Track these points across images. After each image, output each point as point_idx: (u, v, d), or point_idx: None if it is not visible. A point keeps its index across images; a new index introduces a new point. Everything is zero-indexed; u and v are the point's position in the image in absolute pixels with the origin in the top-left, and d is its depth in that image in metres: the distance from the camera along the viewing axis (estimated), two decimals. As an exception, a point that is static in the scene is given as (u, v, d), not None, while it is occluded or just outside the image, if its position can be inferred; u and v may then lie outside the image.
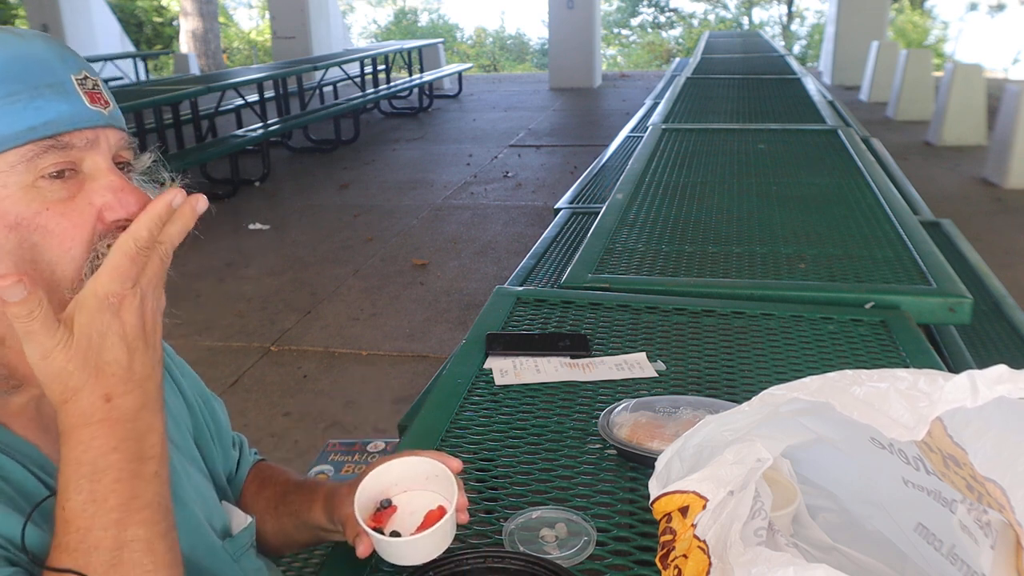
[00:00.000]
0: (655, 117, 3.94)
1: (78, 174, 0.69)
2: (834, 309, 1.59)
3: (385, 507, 0.87)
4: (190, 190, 0.65)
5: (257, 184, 7.00)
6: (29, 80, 0.66)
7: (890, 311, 1.57)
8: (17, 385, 0.72)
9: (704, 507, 0.73)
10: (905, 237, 1.95)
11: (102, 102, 0.71)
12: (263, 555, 1.00)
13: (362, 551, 0.86)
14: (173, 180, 0.78)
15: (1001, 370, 0.59)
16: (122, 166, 0.73)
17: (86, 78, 0.70)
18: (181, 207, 0.64)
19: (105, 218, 0.69)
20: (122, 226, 0.69)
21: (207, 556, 0.84)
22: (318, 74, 9.50)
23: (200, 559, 0.83)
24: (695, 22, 26.27)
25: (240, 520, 0.93)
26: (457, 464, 0.87)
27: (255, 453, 1.11)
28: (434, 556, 0.84)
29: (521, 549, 0.91)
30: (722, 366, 1.37)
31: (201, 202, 0.65)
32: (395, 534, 0.84)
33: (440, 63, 13.20)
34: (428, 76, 11.33)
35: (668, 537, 0.76)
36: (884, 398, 0.63)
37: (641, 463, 1.07)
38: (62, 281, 0.68)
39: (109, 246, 0.68)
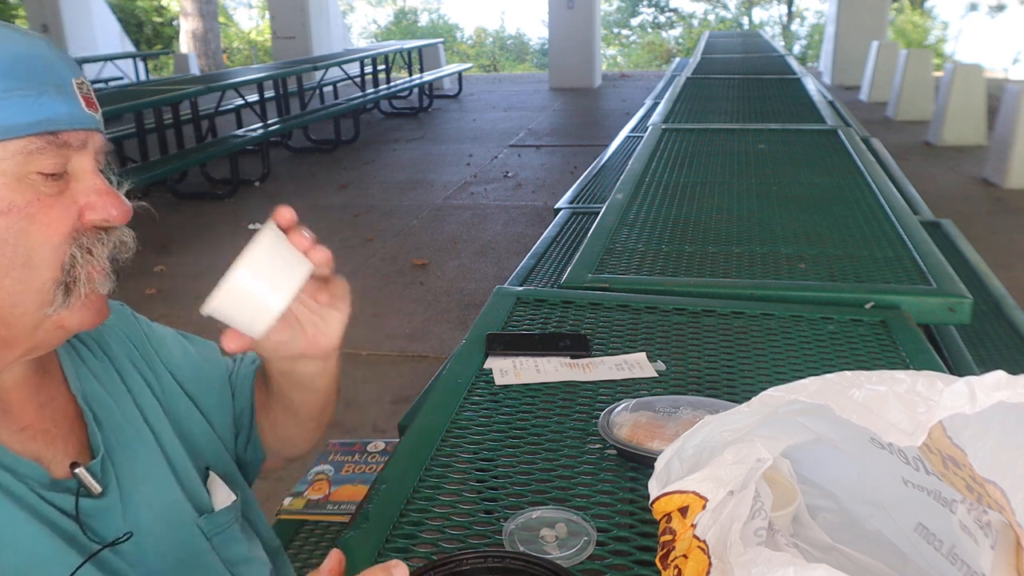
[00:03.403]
0: (655, 117, 3.94)
1: (66, 173, 0.73)
2: (834, 309, 1.59)
3: None
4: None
5: (257, 184, 7.00)
6: (36, 78, 0.70)
7: (890, 311, 1.57)
8: None
9: (704, 507, 0.73)
10: (905, 237, 1.95)
11: (94, 107, 0.76)
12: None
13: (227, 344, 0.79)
14: (121, 183, 0.80)
15: (999, 376, 0.59)
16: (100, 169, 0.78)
17: (83, 83, 0.75)
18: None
19: (85, 217, 0.73)
20: (100, 227, 0.74)
21: (179, 531, 0.85)
22: (318, 74, 9.50)
23: (172, 537, 0.84)
24: (695, 22, 26.28)
25: (223, 498, 0.92)
26: None
27: (255, 361, 1.07)
28: (288, 288, 0.74)
29: (521, 549, 0.91)
30: (722, 366, 1.37)
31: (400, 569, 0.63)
32: None
33: (440, 63, 13.20)
34: (428, 76, 11.33)
35: (668, 537, 0.76)
36: (883, 402, 0.63)
37: (641, 463, 1.07)
38: (36, 270, 0.71)
39: (89, 248, 0.72)
